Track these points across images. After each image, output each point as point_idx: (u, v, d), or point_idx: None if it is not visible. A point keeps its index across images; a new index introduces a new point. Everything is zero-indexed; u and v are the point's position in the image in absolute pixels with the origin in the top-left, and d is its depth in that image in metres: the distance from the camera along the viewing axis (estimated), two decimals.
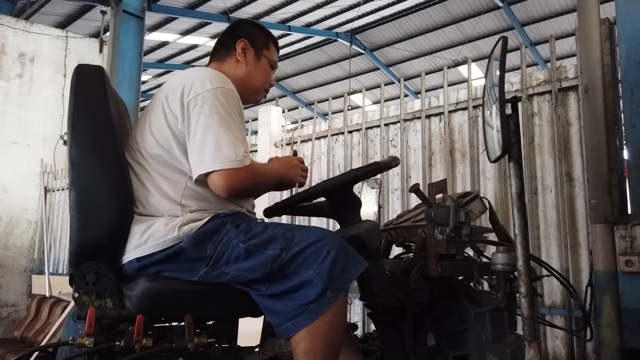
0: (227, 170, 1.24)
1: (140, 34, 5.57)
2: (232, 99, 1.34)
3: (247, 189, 1.34)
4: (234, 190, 1.27)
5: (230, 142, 1.26)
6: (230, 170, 1.25)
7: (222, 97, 1.31)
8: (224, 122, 1.28)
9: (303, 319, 1.19)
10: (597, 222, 2.27)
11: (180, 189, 1.32)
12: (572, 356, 2.57)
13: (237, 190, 1.28)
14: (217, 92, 1.31)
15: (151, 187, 1.32)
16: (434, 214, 1.27)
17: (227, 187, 1.26)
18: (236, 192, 1.29)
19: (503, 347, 1.20)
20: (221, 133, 1.26)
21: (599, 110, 2.36)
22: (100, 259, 1.21)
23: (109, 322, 1.17)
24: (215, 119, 1.27)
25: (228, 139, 1.26)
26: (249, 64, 1.54)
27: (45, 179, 6.56)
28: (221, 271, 1.25)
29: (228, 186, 1.26)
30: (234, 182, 1.26)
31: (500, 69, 1.06)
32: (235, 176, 1.25)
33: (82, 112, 1.26)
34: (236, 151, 1.26)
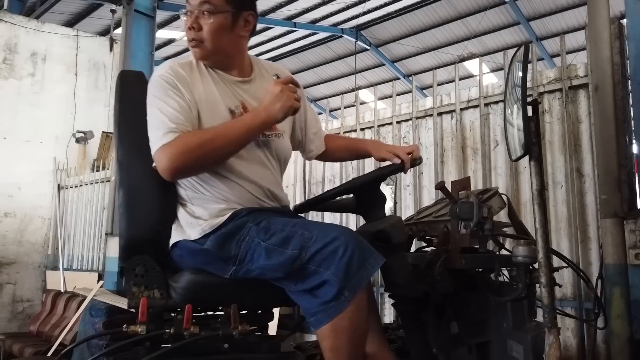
0: (155, 155, 1.30)
1: (151, 33, 5.66)
2: (157, 82, 1.39)
3: (187, 163, 1.31)
4: (171, 170, 1.30)
5: (154, 127, 1.32)
6: (157, 153, 1.29)
7: (151, 88, 1.39)
8: (150, 111, 1.35)
9: (323, 316, 1.24)
10: (607, 217, 2.34)
11: (189, 183, 1.41)
12: (583, 347, 2.65)
13: (174, 169, 1.30)
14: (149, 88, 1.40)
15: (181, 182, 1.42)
16: (458, 209, 1.35)
17: (164, 169, 1.30)
18: (175, 171, 1.31)
19: (523, 334, 1.28)
20: (150, 124, 1.33)
21: (609, 107, 2.43)
22: (147, 253, 1.30)
23: (157, 312, 1.25)
24: (151, 105, 1.36)
25: (153, 124, 1.33)
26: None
27: (58, 177, 6.66)
28: (248, 269, 1.32)
29: (164, 169, 1.30)
30: (167, 163, 1.29)
31: (522, 76, 1.14)
32: (164, 155, 1.29)
33: (126, 116, 1.35)
34: (155, 134, 1.31)
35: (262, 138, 1.49)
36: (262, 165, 1.49)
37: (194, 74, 1.46)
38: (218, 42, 1.46)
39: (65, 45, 6.90)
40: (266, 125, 1.39)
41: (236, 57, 1.53)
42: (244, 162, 1.44)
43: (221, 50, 1.48)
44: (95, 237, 5.91)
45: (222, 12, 1.44)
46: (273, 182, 1.51)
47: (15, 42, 6.54)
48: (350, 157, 2.05)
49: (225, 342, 1.21)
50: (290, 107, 1.37)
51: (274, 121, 1.38)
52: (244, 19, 1.50)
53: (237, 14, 1.47)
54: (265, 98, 1.38)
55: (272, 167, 1.52)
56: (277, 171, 1.56)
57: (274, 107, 1.36)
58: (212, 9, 1.43)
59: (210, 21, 1.43)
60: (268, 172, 1.50)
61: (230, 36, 1.48)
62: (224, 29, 1.45)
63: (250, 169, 1.45)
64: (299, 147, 1.75)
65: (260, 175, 1.47)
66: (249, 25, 1.53)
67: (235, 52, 1.52)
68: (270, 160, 1.51)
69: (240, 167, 1.43)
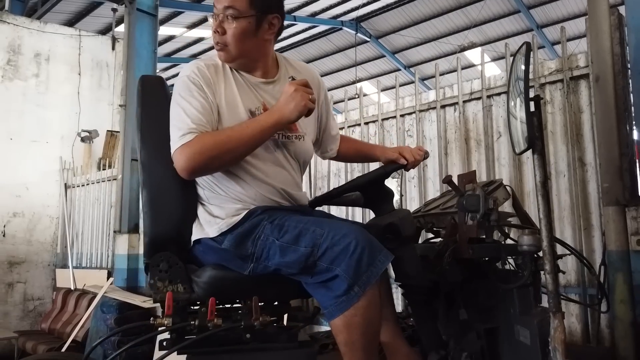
0: (174, 154, 1.35)
1: (154, 31, 5.69)
2: (184, 82, 1.43)
3: (203, 163, 1.36)
4: (188, 170, 1.36)
5: (175, 127, 1.37)
6: (176, 152, 1.35)
7: (177, 87, 1.43)
8: (174, 111, 1.40)
9: (334, 310, 1.29)
10: (610, 205, 2.39)
11: (207, 183, 1.47)
12: (587, 332, 2.71)
13: (190, 169, 1.36)
14: (175, 87, 1.44)
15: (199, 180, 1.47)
16: (465, 202, 1.41)
17: (181, 169, 1.36)
18: (191, 170, 1.37)
19: (530, 319, 1.34)
20: (172, 123, 1.39)
21: (610, 97, 2.47)
22: (170, 249, 1.36)
23: (181, 305, 1.32)
24: (173, 106, 1.42)
25: (174, 124, 1.38)
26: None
27: (64, 176, 6.73)
28: (265, 265, 1.38)
29: (182, 168, 1.36)
30: (184, 163, 1.34)
31: (525, 75, 1.19)
32: (182, 155, 1.34)
33: (148, 119, 1.41)
34: (175, 133, 1.36)
35: (282, 139, 1.52)
36: (280, 166, 1.52)
37: (219, 75, 1.50)
38: (242, 47, 1.48)
39: (68, 45, 6.94)
40: (280, 125, 1.41)
41: (260, 60, 1.55)
42: (262, 162, 1.48)
43: (245, 54, 1.51)
44: (104, 235, 5.99)
45: (245, 17, 1.45)
46: (291, 182, 1.54)
47: (19, 43, 6.59)
48: (359, 159, 2.13)
49: (247, 333, 1.28)
50: (305, 106, 1.39)
51: (287, 121, 1.41)
52: (269, 22, 1.51)
53: (261, 18, 1.48)
54: (280, 99, 1.41)
55: (290, 168, 1.55)
56: (297, 172, 1.58)
57: (288, 107, 1.38)
58: (236, 13, 1.45)
59: (234, 26, 1.46)
60: (286, 172, 1.53)
61: (254, 40, 1.49)
62: (247, 34, 1.47)
63: (267, 169, 1.48)
64: (316, 146, 1.78)
65: (278, 176, 1.50)
66: (274, 28, 1.53)
67: (259, 56, 1.54)
68: (289, 161, 1.54)
69: (257, 168, 1.47)
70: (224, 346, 1.34)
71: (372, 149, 1.85)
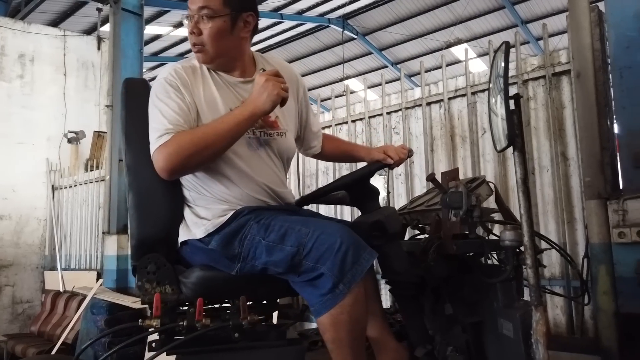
0: (153, 155, 1.36)
1: (139, 31, 5.66)
2: (161, 84, 1.45)
3: (181, 161, 1.36)
4: (167, 170, 1.36)
5: (153, 128, 1.38)
6: (154, 154, 1.36)
7: (154, 90, 1.45)
8: (152, 113, 1.42)
9: (321, 308, 1.31)
10: (592, 198, 2.43)
11: (192, 185, 1.49)
12: (571, 323, 2.77)
13: (170, 169, 1.36)
14: (153, 89, 1.46)
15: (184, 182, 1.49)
16: (448, 199, 1.44)
17: (160, 170, 1.37)
18: (171, 170, 1.37)
19: (513, 312, 1.37)
20: (150, 125, 1.40)
21: (591, 93, 2.51)
22: (158, 251, 1.38)
23: (170, 306, 1.33)
24: (152, 109, 1.43)
25: (152, 126, 1.39)
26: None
27: (51, 177, 6.68)
28: (252, 265, 1.39)
29: (161, 169, 1.36)
30: (162, 164, 1.35)
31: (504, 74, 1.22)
32: (160, 156, 1.35)
33: (132, 122, 1.42)
34: (153, 135, 1.37)
35: (265, 137, 1.53)
36: (264, 164, 1.53)
37: (196, 77, 1.50)
38: (219, 46, 1.49)
39: (53, 45, 6.87)
40: (255, 116, 1.41)
41: (238, 59, 1.56)
42: (245, 162, 1.49)
43: (223, 53, 1.52)
44: (92, 237, 5.95)
45: (220, 16, 1.47)
46: (275, 181, 1.56)
47: (2, 44, 6.51)
48: (345, 159, 2.15)
49: (236, 332, 1.30)
50: (277, 95, 1.39)
51: (262, 112, 1.41)
52: (244, 20, 1.53)
53: (236, 16, 1.50)
54: (253, 91, 1.42)
55: (274, 166, 1.56)
56: (281, 170, 1.60)
57: (261, 98, 1.39)
58: (211, 13, 1.46)
59: (210, 25, 1.47)
60: (270, 171, 1.54)
61: (230, 39, 1.51)
62: (223, 33, 1.48)
63: (251, 168, 1.50)
64: (298, 144, 1.80)
65: (262, 174, 1.51)
66: (249, 26, 1.55)
67: (237, 54, 1.56)
68: (272, 158, 1.56)
69: (241, 168, 1.48)
70: (214, 346, 1.36)
71: (357, 149, 1.87)
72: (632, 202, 2.27)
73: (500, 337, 1.43)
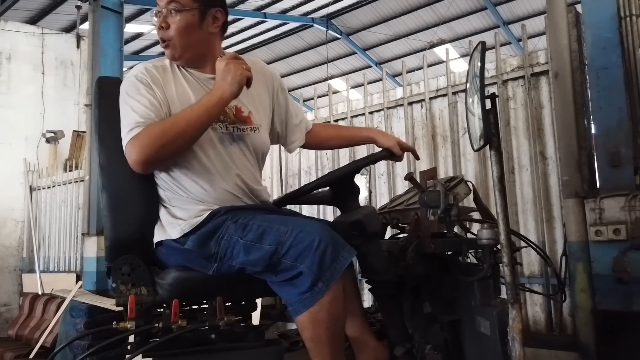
0: (126, 150, 1.35)
1: (120, 29, 5.57)
2: (131, 81, 1.44)
3: (154, 152, 1.35)
4: (140, 162, 1.34)
5: (124, 125, 1.37)
6: (126, 147, 1.35)
7: (124, 87, 1.44)
8: (122, 110, 1.40)
9: (299, 306, 1.31)
10: (569, 197, 2.47)
11: (167, 184, 1.47)
12: (550, 320, 2.80)
13: (143, 160, 1.34)
14: (123, 87, 1.45)
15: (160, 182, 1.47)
16: (426, 198, 1.44)
17: (133, 163, 1.35)
18: (144, 162, 1.35)
19: (490, 310, 1.38)
20: (121, 122, 1.38)
21: (568, 93, 2.55)
22: (133, 252, 1.35)
23: (145, 308, 1.31)
24: (122, 106, 1.42)
25: (123, 123, 1.37)
26: None
27: (29, 178, 6.56)
28: (229, 265, 1.38)
29: (134, 162, 1.35)
30: (135, 156, 1.34)
31: (480, 73, 1.22)
32: (133, 149, 1.34)
33: (106, 122, 1.39)
34: (124, 130, 1.36)
35: (238, 133, 1.52)
36: (239, 161, 1.52)
37: (167, 75, 1.50)
38: (187, 40, 1.49)
39: (31, 43, 6.75)
40: (223, 101, 1.40)
41: (208, 55, 1.55)
42: (219, 160, 1.48)
43: (191, 48, 1.51)
44: (72, 238, 5.86)
45: (188, 10, 1.47)
46: (250, 178, 1.55)
47: None
48: (347, 144, 2.12)
49: (212, 333, 1.28)
50: (241, 75, 1.39)
51: (230, 95, 1.40)
52: (212, 15, 1.52)
53: (204, 11, 1.50)
54: (217, 77, 1.42)
55: (248, 163, 1.55)
56: (255, 166, 1.59)
57: (226, 81, 1.39)
58: (179, 7, 1.47)
59: (177, 19, 1.47)
60: (245, 168, 1.53)
61: (199, 33, 1.50)
62: (191, 27, 1.48)
63: (226, 166, 1.48)
64: (280, 140, 1.78)
65: (237, 171, 1.50)
66: (218, 22, 1.55)
67: (206, 50, 1.55)
68: (246, 155, 1.54)
69: (215, 165, 1.47)
70: (190, 348, 1.34)
71: (367, 131, 1.89)
72: (609, 201, 2.31)
73: (477, 334, 1.43)
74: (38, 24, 8.55)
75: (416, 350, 1.52)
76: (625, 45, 2.42)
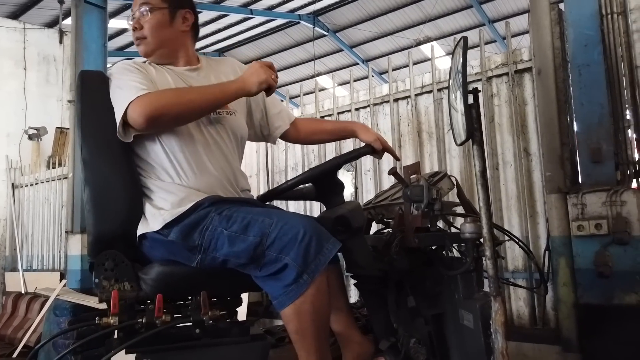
0: (128, 111, 1.36)
1: (103, 24, 5.50)
2: (123, 68, 1.50)
3: (163, 106, 1.38)
4: (149, 115, 1.36)
5: (122, 98, 1.39)
6: (129, 108, 1.36)
7: (115, 74, 1.48)
8: (118, 91, 1.43)
9: (285, 299, 1.31)
10: (552, 192, 2.51)
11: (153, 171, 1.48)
12: (534, 314, 2.85)
13: (151, 114, 1.36)
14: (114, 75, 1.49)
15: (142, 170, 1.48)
16: (410, 192, 1.45)
17: (138, 117, 1.35)
18: (152, 116, 1.36)
19: (473, 303, 1.39)
20: (118, 99, 1.41)
21: (551, 90, 2.58)
22: (116, 247, 1.34)
23: (129, 303, 1.30)
24: (117, 88, 1.44)
25: (120, 98, 1.40)
26: None
27: (12, 175, 6.46)
28: (213, 256, 1.37)
29: (138, 115, 1.35)
30: (141, 109, 1.35)
31: (462, 68, 1.23)
32: (137, 106, 1.35)
33: (89, 116, 1.38)
34: (124, 101, 1.37)
35: (214, 115, 1.56)
36: (217, 146, 1.55)
37: (149, 71, 1.55)
38: (158, 36, 1.59)
39: (12, 38, 6.65)
40: (239, 93, 1.48)
41: (180, 51, 1.64)
42: (201, 145, 1.51)
43: (163, 44, 1.60)
44: (55, 236, 5.79)
45: (159, 9, 1.59)
46: (232, 162, 1.59)
47: None
48: (334, 138, 2.16)
49: (197, 328, 1.27)
50: (265, 82, 1.46)
51: (247, 92, 1.47)
52: (182, 16, 1.63)
53: (173, 12, 1.61)
54: (246, 71, 1.49)
55: (227, 147, 1.58)
56: (235, 152, 1.62)
57: (251, 79, 1.46)
58: (150, 7, 1.58)
59: (149, 18, 1.58)
60: (228, 151, 1.58)
61: (170, 31, 1.61)
62: (163, 25, 1.59)
63: (206, 151, 1.52)
64: (263, 130, 1.81)
65: (217, 157, 1.54)
66: (188, 22, 1.65)
67: (178, 46, 1.64)
68: (225, 139, 1.58)
69: (197, 151, 1.50)
70: (174, 343, 1.33)
71: (351, 124, 1.92)
72: (590, 196, 2.34)
73: (461, 328, 1.45)
74: (20, 18, 8.39)
75: (401, 344, 1.53)
76: (606, 42, 2.46)
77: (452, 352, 1.55)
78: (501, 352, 1.21)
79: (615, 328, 2.24)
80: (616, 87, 2.46)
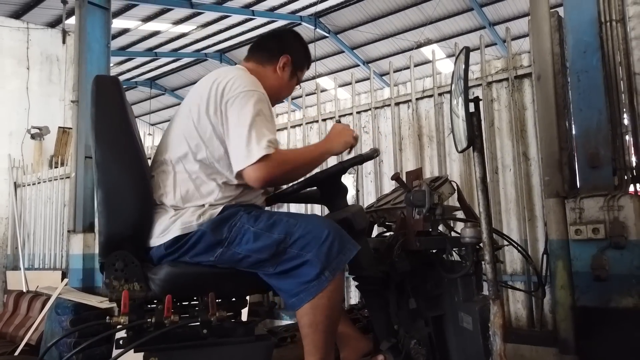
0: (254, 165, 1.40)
1: (106, 25, 5.52)
2: (264, 102, 1.50)
3: (279, 175, 1.47)
4: (265, 180, 1.44)
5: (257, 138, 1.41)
6: (257, 164, 1.40)
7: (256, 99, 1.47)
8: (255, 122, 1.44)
9: (305, 295, 1.37)
10: (551, 197, 2.53)
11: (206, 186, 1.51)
12: (532, 317, 2.88)
13: (268, 179, 1.44)
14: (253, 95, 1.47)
15: (178, 183, 1.50)
16: (412, 197, 1.49)
17: (257, 179, 1.43)
18: (268, 181, 1.46)
19: (472, 306, 1.43)
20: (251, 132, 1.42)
21: (550, 95, 2.61)
22: (126, 248, 1.38)
23: (138, 303, 1.34)
24: (248, 119, 1.43)
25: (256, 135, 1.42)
26: (284, 79, 1.72)
27: (14, 174, 6.49)
28: (234, 251, 1.43)
29: (258, 179, 1.42)
30: (263, 174, 1.42)
31: (464, 78, 1.27)
32: (262, 168, 1.41)
33: (102, 119, 1.41)
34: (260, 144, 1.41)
35: None
36: None
37: None
38: None
39: (15, 38, 6.67)
40: (329, 154, 1.64)
41: None
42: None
43: None
44: (57, 235, 5.81)
45: None
46: None
47: None
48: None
49: (204, 328, 1.31)
50: (348, 143, 1.64)
51: (335, 152, 1.64)
52: None
53: None
54: (331, 133, 1.66)
55: None
56: None
57: (338, 141, 1.63)
58: None
59: None
60: None
61: None
62: None
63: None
64: None
65: None
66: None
67: None
68: None
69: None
70: (182, 342, 1.37)
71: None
72: (588, 201, 2.37)
73: (460, 329, 1.49)
74: (23, 18, 8.44)
75: (401, 345, 1.57)
76: (605, 49, 2.49)
77: (452, 353, 1.58)
78: (499, 354, 1.25)
79: (611, 330, 2.27)
80: (614, 93, 2.49)
